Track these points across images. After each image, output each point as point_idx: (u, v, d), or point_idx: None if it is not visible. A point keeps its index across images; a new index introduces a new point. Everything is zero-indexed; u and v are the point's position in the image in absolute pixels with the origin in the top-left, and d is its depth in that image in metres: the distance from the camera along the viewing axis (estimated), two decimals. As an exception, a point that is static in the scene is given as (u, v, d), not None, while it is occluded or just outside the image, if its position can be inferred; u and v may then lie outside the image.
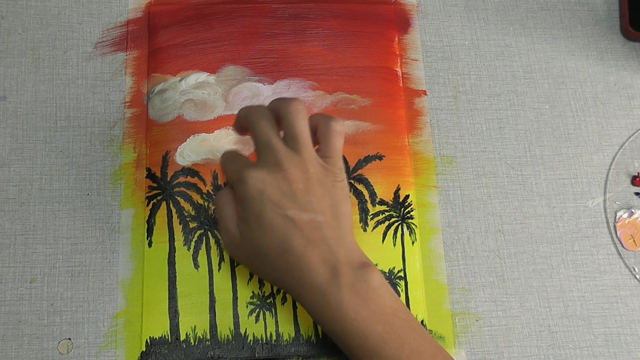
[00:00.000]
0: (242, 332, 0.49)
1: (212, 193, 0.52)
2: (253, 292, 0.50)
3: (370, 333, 0.43)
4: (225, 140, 0.54)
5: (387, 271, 0.51)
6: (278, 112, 0.47)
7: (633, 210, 0.55)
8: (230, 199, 0.47)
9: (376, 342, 0.42)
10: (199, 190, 0.52)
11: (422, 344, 0.43)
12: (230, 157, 0.48)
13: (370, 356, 0.43)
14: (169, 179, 0.52)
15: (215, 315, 0.49)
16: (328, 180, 0.45)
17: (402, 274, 0.51)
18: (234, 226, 0.46)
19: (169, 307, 0.49)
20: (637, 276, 0.53)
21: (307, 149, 0.45)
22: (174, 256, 0.51)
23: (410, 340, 0.43)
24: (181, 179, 0.52)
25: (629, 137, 0.57)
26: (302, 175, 0.45)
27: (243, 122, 0.48)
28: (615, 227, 0.55)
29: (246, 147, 0.53)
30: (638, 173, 0.56)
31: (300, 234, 0.44)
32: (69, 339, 0.49)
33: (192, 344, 0.49)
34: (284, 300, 0.50)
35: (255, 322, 0.49)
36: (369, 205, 0.53)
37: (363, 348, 0.43)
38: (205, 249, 0.51)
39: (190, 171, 0.53)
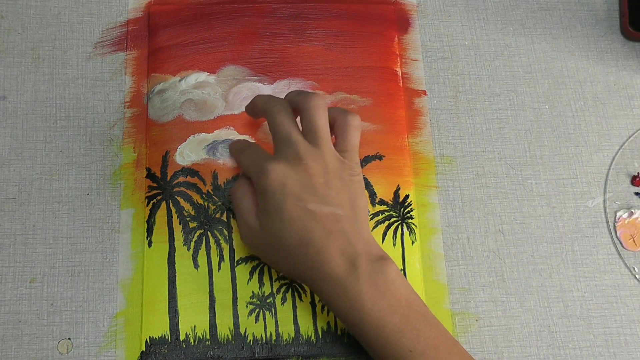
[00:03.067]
0: (242, 332, 0.49)
1: (212, 193, 0.52)
2: (253, 292, 0.50)
3: (387, 324, 0.43)
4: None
5: (387, 271, 0.51)
6: (298, 105, 0.48)
7: (633, 210, 0.55)
8: (247, 190, 0.48)
9: (392, 332, 0.43)
10: (198, 190, 0.52)
11: (438, 336, 0.44)
12: (245, 148, 0.49)
13: (387, 347, 0.43)
14: (168, 178, 0.52)
15: (215, 315, 0.49)
16: (346, 174, 0.47)
17: (401, 273, 0.51)
18: (253, 218, 0.47)
19: (168, 307, 0.49)
20: (637, 276, 0.53)
21: (326, 143, 0.47)
22: (174, 256, 0.51)
23: (426, 331, 0.43)
24: (181, 178, 0.52)
25: (629, 137, 0.57)
26: (321, 170, 0.46)
27: (260, 112, 0.50)
28: (615, 227, 0.55)
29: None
30: (638, 173, 0.56)
31: (320, 226, 0.44)
32: (69, 338, 0.49)
33: (192, 343, 0.49)
34: (283, 300, 0.50)
35: (255, 322, 0.49)
36: (369, 205, 0.53)
37: (380, 338, 0.43)
38: (205, 249, 0.51)
39: (190, 171, 0.53)
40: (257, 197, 0.47)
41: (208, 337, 0.49)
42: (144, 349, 0.48)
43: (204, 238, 0.51)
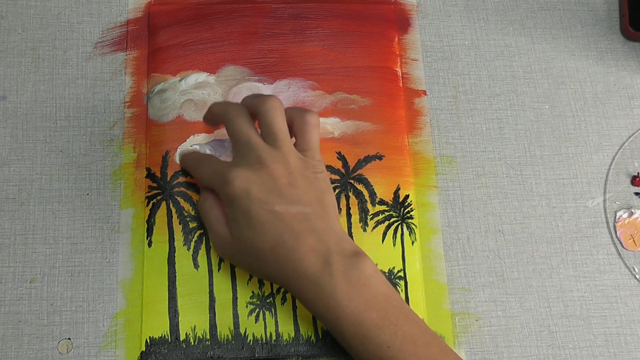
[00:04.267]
0: (242, 332, 0.49)
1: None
2: (253, 292, 0.50)
3: (364, 320, 0.43)
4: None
5: (387, 271, 0.51)
6: (254, 109, 0.48)
7: (633, 210, 0.55)
8: (213, 202, 0.48)
9: (370, 328, 0.43)
10: (198, 190, 0.52)
11: (417, 331, 0.43)
12: (200, 160, 0.49)
13: (365, 343, 0.43)
14: (168, 178, 0.52)
15: (215, 315, 0.49)
16: (309, 173, 0.47)
17: (401, 274, 0.51)
18: (223, 227, 0.47)
19: (168, 307, 0.49)
20: (637, 276, 0.53)
21: (286, 144, 0.47)
22: (174, 256, 0.51)
23: (404, 327, 0.43)
24: (181, 178, 0.52)
25: (629, 137, 0.57)
26: (285, 171, 0.46)
27: (217, 118, 0.50)
28: (615, 227, 0.55)
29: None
30: (638, 173, 0.56)
31: (289, 227, 0.44)
32: (69, 338, 0.49)
33: (192, 343, 0.49)
34: (283, 300, 0.50)
35: (255, 322, 0.49)
36: (369, 205, 0.53)
37: (357, 335, 0.43)
38: (205, 249, 0.51)
39: (190, 171, 0.53)
40: (224, 207, 0.47)
41: (208, 337, 0.49)
42: (144, 349, 0.48)
43: (204, 238, 0.51)
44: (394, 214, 0.53)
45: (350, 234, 0.52)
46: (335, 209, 0.47)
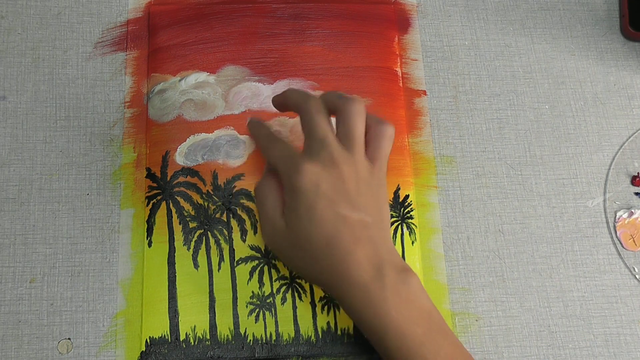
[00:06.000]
0: (242, 332, 0.49)
1: (211, 193, 0.52)
2: (253, 292, 0.50)
3: (409, 334, 0.43)
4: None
5: (387, 271, 0.51)
6: (338, 108, 0.47)
7: (633, 210, 0.55)
8: (273, 188, 0.48)
9: (414, 343, 0.43)
10: (198, 190, 0.52)
11: (457, 352, 0.44)
12: (274, 140, 0.48)
13: (407, 357, 0.43)
14: (168, 178, 0.52)
15: (215, 315, 0.49)
16: (374, 183, 0.47)
17: (402, 274, 0.51)
18: (279, 216, 0.47)
19: (168, 307, 0.49)
20: (637, 276, 0.53)
21: (360, 151, 0.47)
22: (174, 256, 0.51)
23: (446, 346, 0.44)
24: (181, 178, 0.52)
25: (629, 137, 0.57)
26: (354, 175, 0.46)
27: (292, 106, 0.49)
28: (615, 227, 0.55)
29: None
30: (638, 173, 0.56)
31: (349, 231, 0.44)
32: (69, 338, 0.49)
33: (192, 343, 0.49)
34: (283, 300, 0.50)
35: (255, 322, 0.49)
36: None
37: (401, 348, 0.43)
38: (205, 249, 0.51)
39: (190, 171, 0.53)
40: (284, 195, 0.47)
41: (208, 337, 0.49)
42: (144, 349, 0.48)
43: (204, 238, 0.51)
44: (394, 214, 0.53)
45: (350, 234, 0.52)
46: (389, 222, 0.48)
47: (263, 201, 0.48)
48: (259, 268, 0.51)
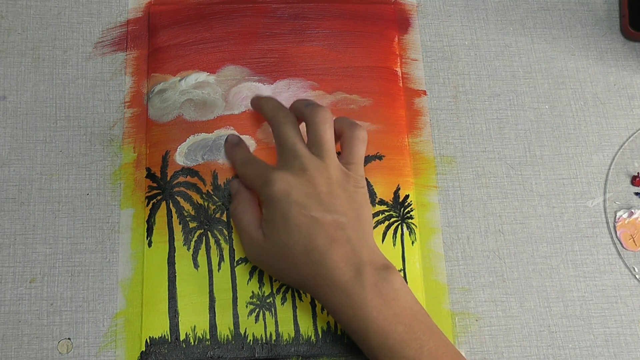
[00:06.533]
0: (242, 332, 0.49)
1: (211, 193, 0.52)
2: (253, 292, 0.50)
3: (391, 333, 0.43)
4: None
5: (387, 271, 0.51)
6: (305, 118, 0.49)
7: (633, 210, 0.55)
8: (247, 205, 0.49)
9: (396, 342, 0.43)
10: (198, 190, 0.52)
11: (441, 347, 0.44)
12: (249, 161, 0.50)
13: (390, 356, 0.43)
14: (168, 178, 0.52)
15: (215, 315, 0.49)
16: (350, 186, 0.47)
17: (402, 274, 0.51)
18: (256, 229, 0.48)
19: (168, 307, 0.49)
20: (637, 276, 0.53)
21: (330, 156, 0.48)
22: (174, 256, 0.51)
23: (429, 342, 0.43)
24: (181, 178, 0.52)
25: (629, 137, 0.57)
26: (325, 180, 0.47)
27: (265, 117, 0.51)
28: (615, 227, 0.55)
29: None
30: (638, 173, 0.56)
31: (324, 233, 0.45)
32: (69, 338, 0.49)
33: (192, 343, 0.49)
34: (283, 300, 0.50)
35: (255, 322, 0.49)
36: (369, 205, 0.53)
37: (383, 347, 0.43)
38: (205, 249, 0.51)
39: (190, 171, 0.53)
40: (259, 210, 0.48)
41: (208, 337, 0.49)
42: (144, 349, 0.48)
43: (204, 238, 0.51)
44: (394, 214, 0.53)
45: (350, 234, 0.52)
46: (371, 224, 0.48)
47: (240, 218, 0.49)
48: (259, 268, 0.51)
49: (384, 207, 0.53)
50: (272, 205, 0.46)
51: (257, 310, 0.50)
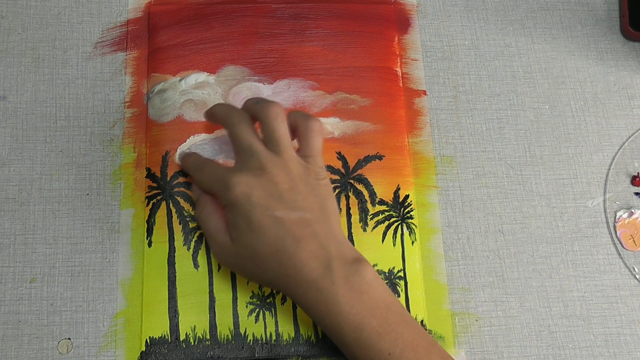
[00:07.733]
0: (242, 332, 0.49)
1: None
2: (253, 292, 0.50)
3: (365, 326, 0.43)
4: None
5: (386, 271, 0.51)
6: (257, 115, 0.48)
7: (633, 210, 0.55)
8: (212, 209, 0.48)
9: (371, 335, 0.43)
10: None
11: (417, 338, 0.43)
12: (202, 165, 0.49)
13: (365, 350, 0.43)
14: (168, 178, 0.52)
15: (215, 315, 0.49)
16: (311, 179, 0.47)
17: (401, 274, 0.51)
18: (223, 234, 0.47)
19: (168, 307, 0.49)
20: (637, 276, 0.53)
21: (287, 150, 0.47)
22: (174, 256, 0.51)
23: (404, 334, 0.43)
24: (181, 179, 0.52)
25: (629, 137, 0.57)
26: (286, 177, 0.46)
27: (219, 122, 0.50)
28: (615, 227, 0.55)
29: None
30: (638, 173, 0.56)
31: (290, 232, 0.44)
32: (69, 338, 0.49)
33: (192, 343, 0.49)
34: (283, 300, 0.50)
35: (255, 322, 0.49)
36: (369, 205, 0.53)
37: (358, 342, 0.43)
38: (205, 249, 0.51)
39: (190, 171, 0.53)
40: (224, 213, 0.47)
41: (208, 337, 0.49)
42: (144, 349, 0.48)
43: (204, 238, 0.51)
44: (394, 214, 0.53)
45: (350, 234, 0.52)
46: (337, 215, 0.47)
47: (206, 224, 0.48)
48: (259, 268, 0.51)
49: (384, 207, 0.53)
50: (235, 210, 0.45)
51: (257, 310, 0.50)
